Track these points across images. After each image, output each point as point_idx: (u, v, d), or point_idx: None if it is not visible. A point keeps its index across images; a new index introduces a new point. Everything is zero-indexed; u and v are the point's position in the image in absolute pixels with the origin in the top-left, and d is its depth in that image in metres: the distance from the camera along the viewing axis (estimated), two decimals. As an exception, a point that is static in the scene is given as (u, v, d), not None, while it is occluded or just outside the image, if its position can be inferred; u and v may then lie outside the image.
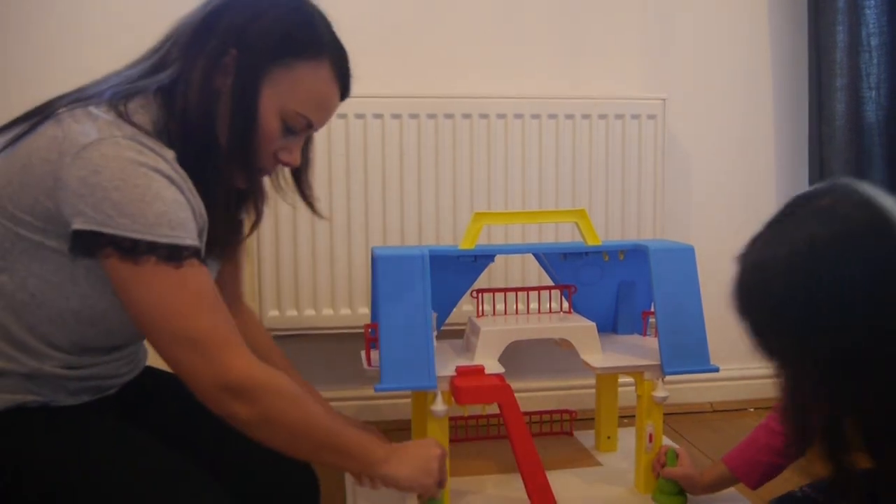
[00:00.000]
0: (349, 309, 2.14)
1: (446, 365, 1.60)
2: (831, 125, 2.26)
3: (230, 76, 1.19)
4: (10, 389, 1.17)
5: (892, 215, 1.00)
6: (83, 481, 1.12)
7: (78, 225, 1.07)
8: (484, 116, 2.15)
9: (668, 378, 1.64)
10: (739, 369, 2.43)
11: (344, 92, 1.33)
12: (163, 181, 1.09)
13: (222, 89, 1.20)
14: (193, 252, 1.12)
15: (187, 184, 1.15)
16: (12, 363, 1.16)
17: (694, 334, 1.64)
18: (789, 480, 1.79)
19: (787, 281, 1.02)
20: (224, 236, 1.31)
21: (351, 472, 1.38)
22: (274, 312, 2.12)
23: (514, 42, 2.27)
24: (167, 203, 1.09)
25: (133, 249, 1.07)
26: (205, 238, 1.21)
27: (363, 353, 1.70)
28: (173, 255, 1.09)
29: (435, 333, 1.69)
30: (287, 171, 1.40)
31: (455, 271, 1.74)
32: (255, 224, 1.43)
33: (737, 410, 2.43)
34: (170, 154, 1.14)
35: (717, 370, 1.65)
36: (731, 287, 1.09)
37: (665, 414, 1.67)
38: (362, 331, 1.70)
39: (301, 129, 1.27)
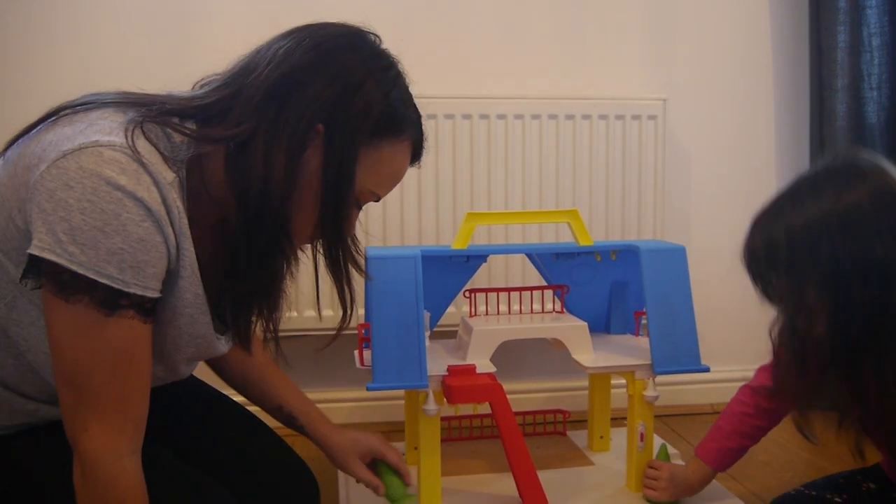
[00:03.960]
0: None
1: (438, 364, 1.60)
2: (832, 126, 2.25)
3: (316, 155, 1.10)
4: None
5: None
6: None
7: (31, 248, 0.96)
8: (484, 117, 2.16)
9: (668, 379, 1.64)
10: (740, 370, 2.42)
11: (415, 161, 1.28)
12: (136, 212, 0.97)
13: (305, 168, 1.09)
14: (135, 303, 1.00)
15: (181, 220, 1.04)
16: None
17: (685, 334, 1.64)
18: (789, 483, 1.80)
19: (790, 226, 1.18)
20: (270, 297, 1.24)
21: None
22: (274, 313, 2.12)
23: (515, 43, 2.28)
24: (129, 240, 0.97)
25: (69, 284, 0.97)
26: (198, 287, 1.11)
27: (356, 353, 1.71)
28: (109, 300, 0.98)
29: (428, 333, 1.70)
30: None
31: (448, 271, 1.75)
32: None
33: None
34: (169, 177, 1.02)
35: (707, 370, 1.65)
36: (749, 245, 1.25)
37: (665, 415, 1.68)
38: (359, 331, 1.71)
39: (365, 203, 1.23)
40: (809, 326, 1.19)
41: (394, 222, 2.15)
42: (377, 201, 1.23)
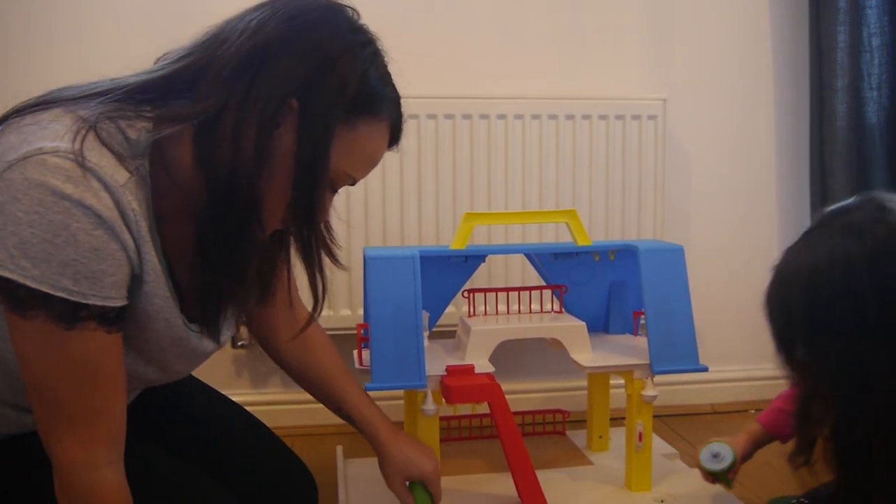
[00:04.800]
0: (349, 310, 2.16)
1: (437, 364, 1.60)
2: (832, 126, 2.25)
3: (289, 133, 1.05)
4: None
5: None
6: None
7: None
8: (484, 117, 2.16)
9: (667, 379, 1.64)
10: (740, 370, 2.43)
11: (393, 144, 1.22)
12: (86, 221, 0.93)
13: (277, 146, 1.05)
14: (96, 314, 0.97)
15: (137, 223, 1.00)
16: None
17: (683, 334, 1.65)
18: (789, 484, 1.80)
19: (807, 294, 1.08)
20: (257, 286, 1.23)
21: None
22: (274, 313, 2.12)
23: (515, 43, 2.28)
24: (81, 250, 0.93)
25: (25, 300, 0.94)
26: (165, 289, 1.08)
27: (355, 353, 1.72)
28: (67, 314, 0.95)
29: (427, 333, 1.71)
30: None
31: (447, 271, 1.76)
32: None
33: (738, 412, 2.42)
34: (122, 178, 0.97)
35: (705, 369, 1.65)
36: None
37: (666, 415, 1.67)
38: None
39: (340, 186, 1.17)
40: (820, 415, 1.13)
41: (394, 222, 2.15)
42: (352, 185, 1.18)
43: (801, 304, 1.09)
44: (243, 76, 1.02)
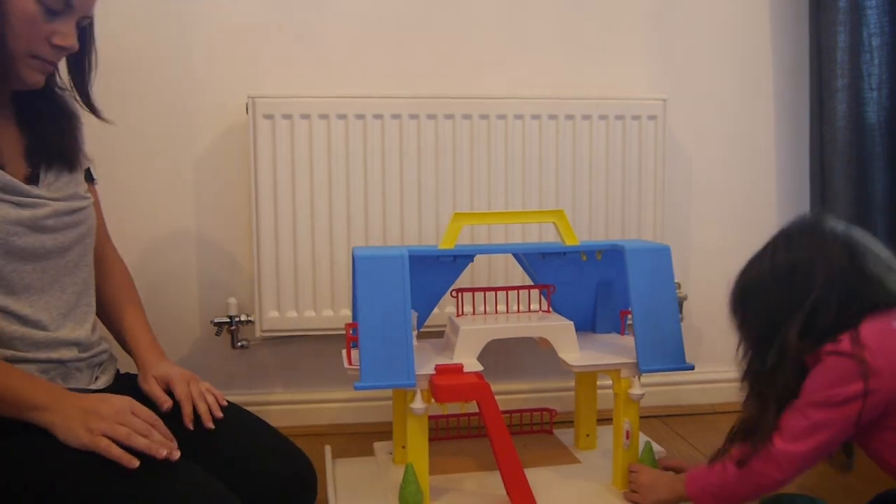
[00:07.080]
0: (349, 310, 2.17)
1: (426, 363, 1.62)
2: (832, 126, 2.25)
3: None
4: None
5: (821, 248, 1.39)
6: (77, 489, 1.11)
7: None
8: (484, 117, 2.17)
9: (667, 379, 1.65)
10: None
11: None
12: None
13: None
14: None
15: None
16: None
17: (669, 333, 1.66)
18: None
19: (740, 279, 1.51)
20: (47, 144, 1.37)
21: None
22: (273, 314, 2.14)
23: (515, 43, 2.29)
24: None
25: None
26: None
27: (344, 353, 1.73)
28: None
29: (415, 333, 1.71)
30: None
31: (436, 271, 1.76)
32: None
33: (738, 412, 2.40)
34: None
35: (691, 368, 1.66)
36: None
37: (666, 415, 1.67)
38: (358, 332, 1.73)
39: (61, 9, 1.24)
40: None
41: (393, 222, 2.16)
42: (71, 7, 1.26)
43: (737, 285, 1.49)
44: None
